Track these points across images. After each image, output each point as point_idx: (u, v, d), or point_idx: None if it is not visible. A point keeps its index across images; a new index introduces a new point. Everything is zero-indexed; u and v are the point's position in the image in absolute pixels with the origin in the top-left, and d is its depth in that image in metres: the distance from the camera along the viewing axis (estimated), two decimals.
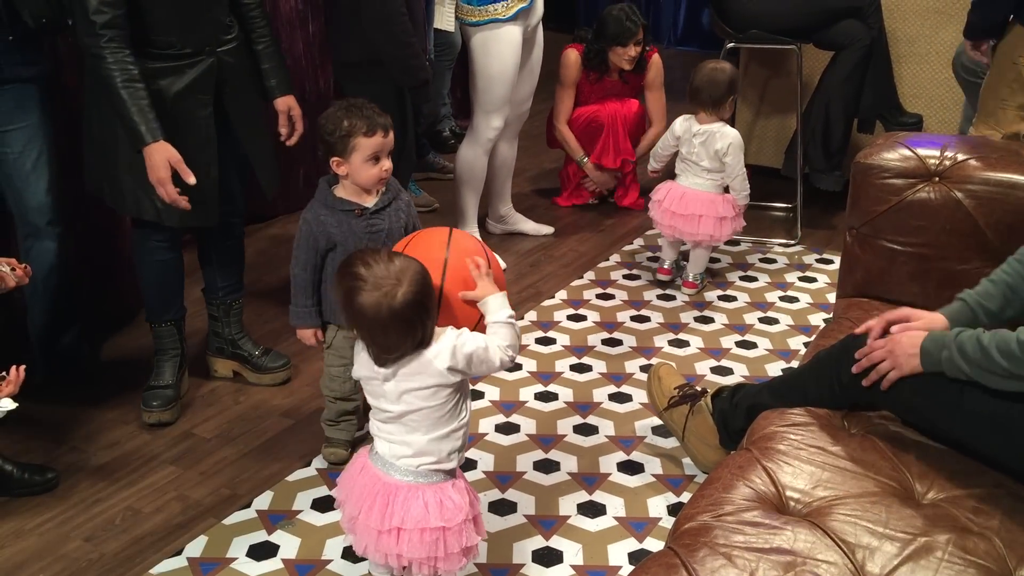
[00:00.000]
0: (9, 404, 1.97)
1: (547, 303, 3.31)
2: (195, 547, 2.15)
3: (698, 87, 3.27)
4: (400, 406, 1.75)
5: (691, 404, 2.35)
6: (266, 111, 2.63)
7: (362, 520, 1.78)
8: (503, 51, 3.29)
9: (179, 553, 2.13)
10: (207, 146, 2.42)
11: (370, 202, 2.26)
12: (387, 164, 2.24)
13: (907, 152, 2.25)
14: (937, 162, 2.21)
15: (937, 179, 2.20)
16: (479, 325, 1.84)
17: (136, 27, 2.27)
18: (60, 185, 2.55)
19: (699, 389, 2.39)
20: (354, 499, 1.81)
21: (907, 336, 1.77)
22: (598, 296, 3.37)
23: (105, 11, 2.20)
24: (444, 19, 3.64)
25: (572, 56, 3.91)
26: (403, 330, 1.69)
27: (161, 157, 2.27)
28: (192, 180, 2.30)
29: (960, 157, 2.21)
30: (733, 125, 3.45)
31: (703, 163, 3.28)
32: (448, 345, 1.73)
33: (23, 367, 2.01)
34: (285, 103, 2.60)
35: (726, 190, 3.33)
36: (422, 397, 1.75)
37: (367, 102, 2.25)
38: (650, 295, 3.37)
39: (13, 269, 2.12)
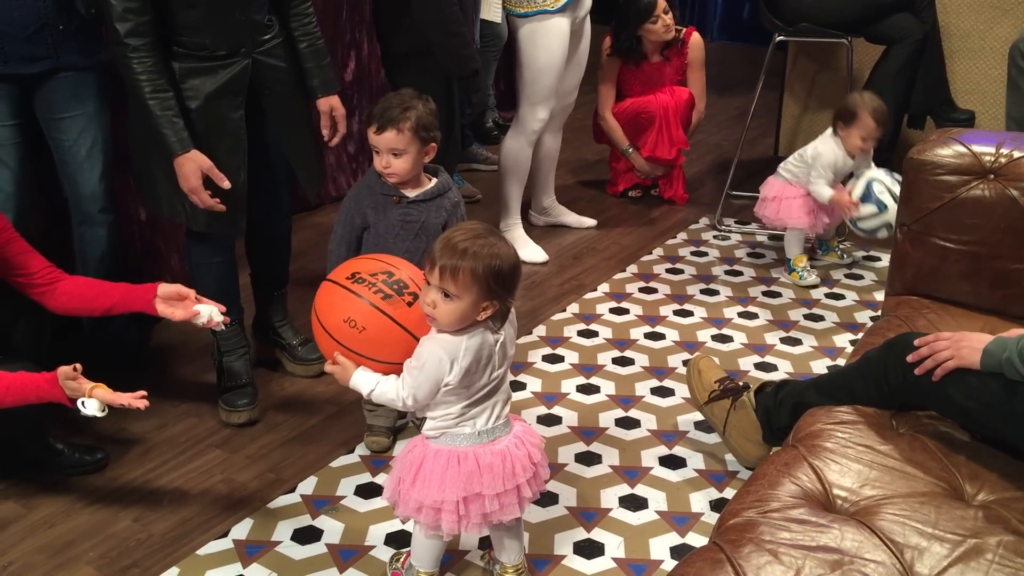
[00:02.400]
0: (96, 408, 1.92)
1: (589, 296, 3.31)
2: (241, 529, 2.18)
3: None
4: (506, 363, 1.81)
5: (733, 399, 2.34)
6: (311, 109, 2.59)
7: (509, 491, 1.80)
8: (551, 43, 3.28)
9: (225, 535, 2.17)
10: (237, 149, 2.37)
11: (412, 192, 2.27)
12: (393, 164, 2.20)
13: (961, 148, 2.21)
14: (992, 159, 2.18)
15: (992, 176, 2.16)
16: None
17: (168, 28, 2.24)
18: (112, 174, 2.58)
19: (740, 384, 2.38)
20: (491, 482, 1.79)
21: (976, 334, 1.78)
22: (640, 290, 3.36)
23: (128, 18, 2.14)
24: (492, 10, 3.64)
25: (605, 44, 3.91)
26: None
27: (193, 167, 2.24)
28: (227, 185, 2.27)
29: (1016, 154, 2.17)
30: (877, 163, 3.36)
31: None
32: None
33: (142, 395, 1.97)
34: (327, 103, 2.52)
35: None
36: (509, 343, 1.81)
37: (410, 97, 2.22)
38: (693, 289, 3.36)
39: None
